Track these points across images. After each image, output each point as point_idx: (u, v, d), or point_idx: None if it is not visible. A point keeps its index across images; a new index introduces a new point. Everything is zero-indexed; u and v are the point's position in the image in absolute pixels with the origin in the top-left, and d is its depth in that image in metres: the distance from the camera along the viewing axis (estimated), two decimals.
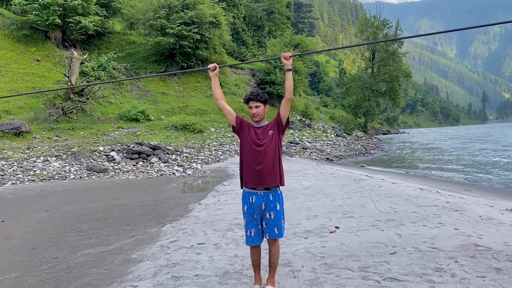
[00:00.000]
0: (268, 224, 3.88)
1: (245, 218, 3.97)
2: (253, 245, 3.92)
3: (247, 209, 3.94)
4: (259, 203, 3.88)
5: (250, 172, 3.88)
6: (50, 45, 30.69)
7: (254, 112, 3.91)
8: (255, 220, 3.90)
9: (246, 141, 3.94)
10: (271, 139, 3.89)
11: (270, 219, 3.87)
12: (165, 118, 27.50)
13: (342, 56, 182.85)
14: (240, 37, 46.93)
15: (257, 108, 3.90)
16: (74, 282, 4.93)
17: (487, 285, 3.71)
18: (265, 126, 3.95)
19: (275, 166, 3.87)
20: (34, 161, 16.05)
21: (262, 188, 3.87)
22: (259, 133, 3.91)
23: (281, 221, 3.92)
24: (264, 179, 3.84)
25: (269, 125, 3.97)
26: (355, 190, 9.82)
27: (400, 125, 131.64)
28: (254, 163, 3.85)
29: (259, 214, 3.91)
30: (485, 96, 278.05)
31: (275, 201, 3.90)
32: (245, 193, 3.98)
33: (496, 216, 6.50)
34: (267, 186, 3.87)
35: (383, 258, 4.66)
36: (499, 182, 15.20)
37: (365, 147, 35.37)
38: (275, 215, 3.88)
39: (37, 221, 8.47)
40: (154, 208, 9.61)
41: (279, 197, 3.95)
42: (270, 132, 3.91)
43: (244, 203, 3.98)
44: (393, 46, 53.14)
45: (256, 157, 3.84)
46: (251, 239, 3.91)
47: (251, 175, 3.88)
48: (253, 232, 3.91)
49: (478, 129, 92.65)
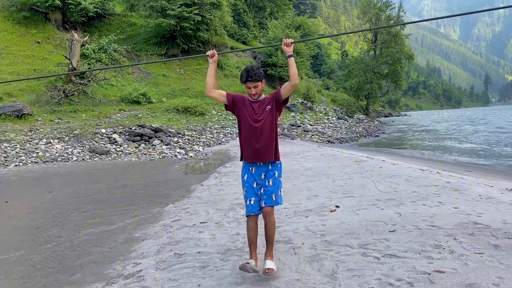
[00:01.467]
0: (266, 190, 3.87)
1: (245, 188, 3.98)
2: (253, 213, 3.88)
3: (247, 177, 3.96)
4: (259, 173, 3.92)
5: (249, 148, 3.90)
6: (51, 27, 30.47)
7: (253, 92, 3.87)
8: (254, 189, 3.91)
9: (243, 116, 3.91)
10: (268, 114, 3.86)
11: (268, 185, 3.88)
12: (167, 101, 27.44)
13: (344, 38, 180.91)
14: (242, 19, 46.43)
15: (255, 88, 3.85)
16: (78, 260, 5.01)
17: (485, 261, 3.77)
18: (262, 100, 3.91)
19: (272, 141, 3.88)
20: (36, 143, 16.11)
21: (261, 161, 3.91)
22: (256, 108, 3.88)
23: (279, 188, 3.94)
24: (262, 155, 3.87)
25: (266, 99, 3.93)
26: (356, 171, 9.87)
27: (402, 107, 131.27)
28: (252, 141, 3.85)
29: (260, 182, 3.92)
30: (487, 78, 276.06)
31: (274, 170, 3.94)
32: (245, 164, 4.02)
33: (495, 195, 6.55)
34: (266, 160, 3.90)
35: (383, 235, 4.72)
36: (500, 163, 15.22)
37: (367, 129, 35.32)
38: (273, 182, 3.90)
39: (41, 201, 8.56)
40: (157, 189, 9.69)
41: (278, 166, 3.99)
42: (268, 107, 3.88)
43: (244, 173, 4.01)
44: (395, 28, 52.58)
45: (254, 134, 3.84)
46: (251, 207, 3.89)
47: (250, 151, 3.90)
48: (252, 200, 3.90)
49: (478, 112, 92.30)
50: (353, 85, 54.29)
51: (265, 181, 3.91)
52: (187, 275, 4.06)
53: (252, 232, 3.93)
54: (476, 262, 3.75)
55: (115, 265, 4.69)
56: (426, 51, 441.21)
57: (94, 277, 4.40)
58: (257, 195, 3.91)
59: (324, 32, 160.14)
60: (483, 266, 3.67)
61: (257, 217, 3.94)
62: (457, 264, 3.73)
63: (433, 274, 3.56)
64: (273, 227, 3.91)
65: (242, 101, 3.96)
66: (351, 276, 3.67)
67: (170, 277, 4.04)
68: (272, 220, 3.89)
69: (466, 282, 3.36)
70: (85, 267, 4.74)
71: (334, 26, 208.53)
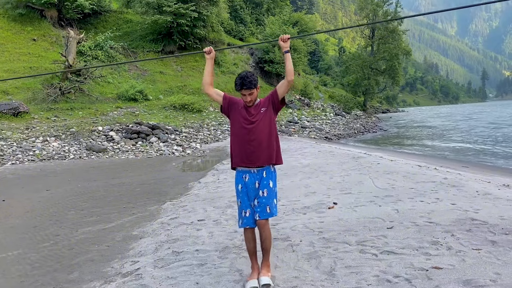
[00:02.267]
0: (260, 202, 3.67)
1: (239, 199, 3.78)
2: (248, 227, 3.73)
3: (241, 187, 3.76)
4: (253, 181, 3.71)
5: (242, 150, 3.71)
6: (46, 24, 30.31)
7: (248, 99, 3.73)
8: (249, 200, 3.73)
9: (237, 119, 3.77)
10: (264, 115, 3.73)
11: (262, 197, 3.68)
12: (164, 98, 27.37)
13: (342, 34, 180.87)
14: (238, 15, 46.29)
15: (251, 95, 3.72)
16: (76, 258, 5.00)
17: (482, 257, 3.77)
18: (257, 104, 3.80)
19: (268, 144, 3.72)
20: (33, 141, 16.06)
21: (255, 166, 3.70)
22: (251, 110, 3.75)
23: (273, 199, 3.73)
24: (256, 157, 3.67)
25: (261, 102, 3.81)
26: (354, 167, 9.87)
27: (400, 103, 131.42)
28: (246, 142, 3.68)
29: (253, 193, 3.71)
30: (485, 74, 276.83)
31: (268, 178, 3.72)
32: (238, 172, 3.81)
33: (493, 191, 6.56)
34: (260, 164, 3.70)
35: (381, 232, 4.72)
36: (497, 158, 15.27)
37: (364, 125, 35.36)
38: (268, 193, 3.69)
39: (38, 200, 8.54)
40: (154, 186, 9.67)
41: (273, 174, 3.79)
42: (263, 109, 3.75)
43: (237, 183, 3.80)
44: (393, 24, 52.52)
45: (248, 135, 3.67)
46: (246, 219, 3.70)
47: (243, 154, 3.71)
48: (248, 212, 3.71)
49: (475, 107, 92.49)
50: (351, 81, 54.27)
51: (258, 190, 3.70)
52: (185, 273, 4.06)
53: (251, 243, 3.77)
54: (474, 258, 3.76)
55: (113, 263, 4.68)
56: (423, 47, 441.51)
57: (92, 275, 4.39)
58: (252, 206, 3.72)
59: (322, 28, 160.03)
60: (481, 262, 3.67)
61: (253, 228, 3.79)
62: (455, 261, 3.74)
63: (431, 270, 3.57)
64: (269, 238, 3.73)
65: (237, 104, 3.84)
66: (349, 273, 3.68)
67: (168, 275, 4.03)
68: (267, 231, 3.70)
69: (463, 278, 3.36)
70: (83, 265, 4.73)
71: (331, 22, 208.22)
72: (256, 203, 3.69)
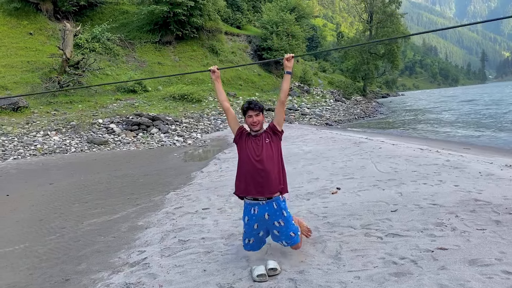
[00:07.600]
0: (281, 231, 3.77)
1: (244, 228, 3.89)
2: (252, 251, 3.94)
3: (248, 220, 3.82)
4: (262, 213, 3.76)
5: (251, 182, 3.75)
6: (42, 17, 30.11)
7: (254, 120, 3.80)
8: (254, 230, 3.82)
9: (245, 152, 3.83)
10: (269, 147, 3.80)
11: (281, 226, 3.76)
12: (163, 89, 27.30)
13: (340, 19, 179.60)
14: (235, 3, 45.88)
15: (257, 116, 3.80)
16: (82, 250, 5.04)
17: (487, 237, 3.80)
18: (261, 135, 3.86)
19: (276, 174, 3.78)
20: (34, 136, 16.06)
21: (264, 198, 3.74)
22: (257, 142, 3.82)
23: (292, 224, 3.83)
24: (265, 188, 3.72)
25: (264, 134, 3.88)
26: (355, 152, 9.88)
27: (399, 87, 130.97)
28: (255, 174, 3.73)
29: (262, 224, 3.80)
30: (484, 56, 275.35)
31: (280, 209, 3.77)
32: (247, 205, 3.85)
33: (495, 172, 6.57)
34: (269, 195, 3.74)
35: (385, 215, 4.75)
36: (498, 140, 15.25)
37: (365, 111, 35.29)
38: (285, 222, 3.77)
39: (42, 194, 8.57)
40: (157, 177, 9.70)
41: (283, 204, 3.82)
42: (267, 141, 3.82)
43: (245, 214, 3.86)
44: (391, 7, 52.20)
45: (256, 168, 3.72)
46: (250, 246, 3.89)
47: (252, 185, 3.75)
48: (251, 240, 3.87)
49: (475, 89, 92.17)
50: (350, 67, 54.09)
51: (270, 222, 3.77)
52: (192, 260, 4.09)
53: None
54: (478, 238, 3.78)
55: (120, 254, 4.71)
56: (422, 29, 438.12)
57: (100, 266, 4.42)
58: (258, 234, 3.84)
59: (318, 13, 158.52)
60: (485, 242, 3.70)
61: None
62: (460, 241, 3.76)
63: (436, 251, 3.59)
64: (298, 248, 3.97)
65: (245, 135, 3.92)
66: (355, 256, 3.70)
67: (175, 264, 4.07)
68: (298, 248, 3.94)
69: (469, 258, 3.39)
70: (90, 256, 4.76)
71: (328, 7, 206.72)
72: (277, 233, 3.80)
